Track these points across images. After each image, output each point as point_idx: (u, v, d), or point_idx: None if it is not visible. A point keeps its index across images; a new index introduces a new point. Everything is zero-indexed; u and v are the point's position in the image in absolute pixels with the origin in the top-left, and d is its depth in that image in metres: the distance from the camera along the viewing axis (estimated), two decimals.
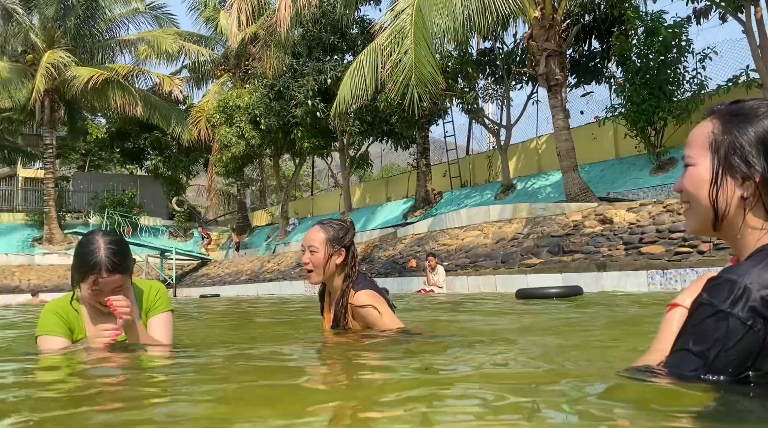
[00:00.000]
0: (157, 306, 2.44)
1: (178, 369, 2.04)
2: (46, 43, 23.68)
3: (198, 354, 2.44)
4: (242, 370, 1.93)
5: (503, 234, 11.46)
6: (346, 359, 2.06)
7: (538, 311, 4.35)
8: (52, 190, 24.36)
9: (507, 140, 15.74)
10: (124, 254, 2.22)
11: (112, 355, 2.11)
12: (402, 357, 2.04)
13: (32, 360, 2.25)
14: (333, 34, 18.38)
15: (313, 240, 2.59)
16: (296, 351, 2.51)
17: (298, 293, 16.25)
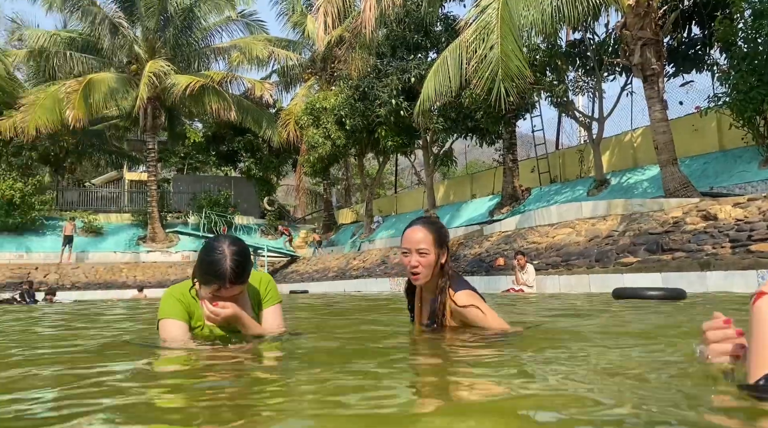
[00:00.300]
0: (269, 299, 2.57)
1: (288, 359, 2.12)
2: (148, 53, 25.26)
3: (307, 343, 2.53)
4: (343, 370, 1.97)
5: (597, 232, 11.03)
6: (454, 360, 2.03)
7: (638, 313, 4.15)
8: (155, 192, 25.97)
9: (599, 134, 15.13)
10: (247, 264, 2.32)
11: (228, 349, 2.22)
12: (500, 356, 2.00)
13: (154, 354, 2.39)
14: (417, 32, 18.40)
15: (421, 242, 2.51)
16: (393, 346, 2.52)
17: (384, 290, 16.41)
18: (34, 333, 4.13)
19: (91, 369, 1.99)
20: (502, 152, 18.63)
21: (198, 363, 2.01)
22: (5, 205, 23.54)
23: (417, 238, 2.52)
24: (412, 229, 2.57)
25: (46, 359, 2.42)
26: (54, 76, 25.73)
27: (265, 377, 1.77)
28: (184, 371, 1.90)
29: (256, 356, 2.15)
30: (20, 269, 22.41)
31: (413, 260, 2.51)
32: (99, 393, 1.48)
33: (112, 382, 1.67)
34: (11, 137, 23.66)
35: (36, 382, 1.79)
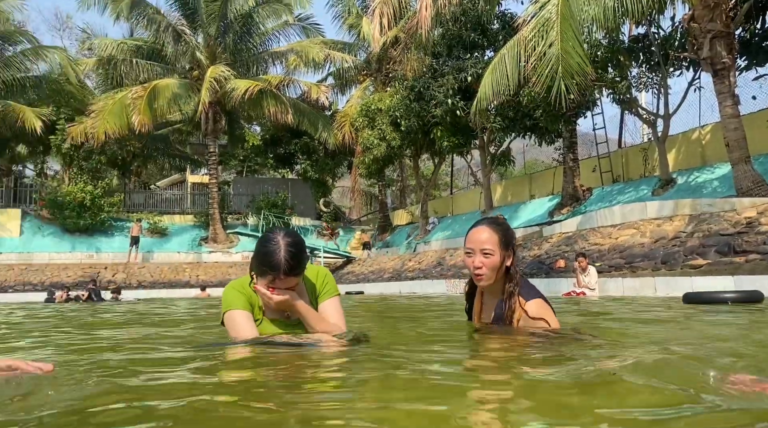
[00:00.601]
0: (326, 291, 2.54)
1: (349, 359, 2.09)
2: (209, 59, 26.02)
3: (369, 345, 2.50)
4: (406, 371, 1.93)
5: (663, 233, 10.60)
6: (514, 364, 1.97)
7: (713, 318, 3.93)
8: (216, 194, 26.71)
9: (665, 131, 14.54)
10: (302, 256, 2.32)
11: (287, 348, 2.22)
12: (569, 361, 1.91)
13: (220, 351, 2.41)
14: (473, 31, 18.21)
15: (486, 243, 2.41)
16: (455, 347, 2.46)
17: (439, 292, 16.29)
18: (95, 330, 4.28)
19: (147, 371, 2.00)
20: (562, 151, 18.19)
21: (262, 363, 2.01)
22: (77, 207, 24.73)
23: (482, 238, 2.43)
24: (476, 229, 2.48)
25: (108, 358, 2.48)
26: (121, 83, 26.87)
27: (330, 379, 1.74)
28: (246, 373, 1.89)
29: (319, 358, 2.12)
30: (91, 269, 23.49)
31: (477, 261, 2.43)
32: (153, 395, 1.48)
33: (167, 386, 1.68)
34: (82, 142, 24.88)
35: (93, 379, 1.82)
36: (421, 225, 23.88)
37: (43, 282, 21.73)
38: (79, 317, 6.31)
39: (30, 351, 2.89)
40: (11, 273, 22.23)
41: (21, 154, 32.68)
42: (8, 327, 4.94)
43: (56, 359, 2.37)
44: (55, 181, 28.33)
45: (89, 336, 3.76)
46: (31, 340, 3.46)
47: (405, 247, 23.26)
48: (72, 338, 3.62)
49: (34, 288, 21.22)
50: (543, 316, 2.37)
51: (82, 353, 2.67)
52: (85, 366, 2.11)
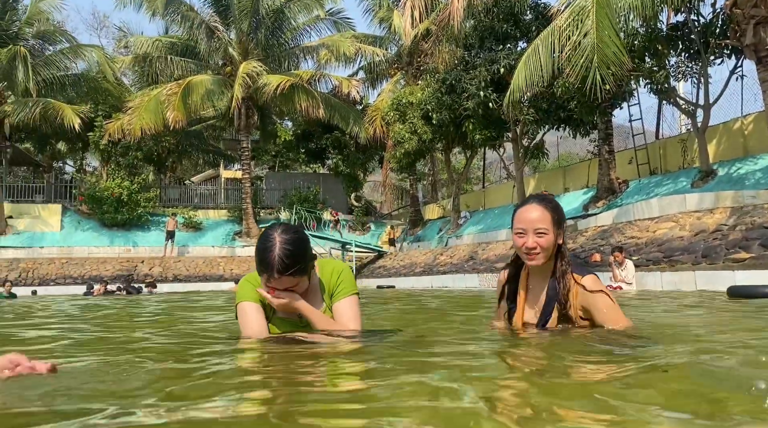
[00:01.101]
0: (341, 290, 2.36)
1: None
2: (241, 55, 26.28)
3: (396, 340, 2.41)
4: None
5: (703, 226, 10.30)
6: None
7: (761, 313, 3.78)
8: (249, 188, 27.01)
9: (705, 121, 14.10)
10: (299, 255, 2.17)
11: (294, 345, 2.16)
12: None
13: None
14: (506, 21, 17.94)
15: (540, 221, 2.31)
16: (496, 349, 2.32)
17: (472, 286, 16.16)
18: (135, 321, 4.34)
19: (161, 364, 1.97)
20: (598, 143, 17.82)
21: (269, 362, 1.96)
22: (114, 202, 25.30)
23: (534, 217, 2.33)
24: (527, 207, 2.37)
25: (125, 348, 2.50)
26: (156, 79, 27.36)
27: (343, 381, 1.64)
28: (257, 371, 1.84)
29: (331, 356, 2.00)
30: (128, 262, 24.01)
31: (530, 241, 2.31)
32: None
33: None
34: (119, 138, 25.42)
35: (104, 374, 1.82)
36: (453, 219, 23.72)
37: (82, 276, 22.31)
38: (113, 310, 6.44)
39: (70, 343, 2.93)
40: (53, 267, 22.88)
41: (61, 151, 33.62)
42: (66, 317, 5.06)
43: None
44: (94, 177, 29.02)
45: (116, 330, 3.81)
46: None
47: (436, 241, 23.15)
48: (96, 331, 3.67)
49: (75, 281, 21.79)
50: (601, 288, 2.29)
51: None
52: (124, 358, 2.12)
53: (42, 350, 2.54)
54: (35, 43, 27.57)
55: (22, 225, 25.01)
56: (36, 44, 27.63)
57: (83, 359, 2.16)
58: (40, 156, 32.37)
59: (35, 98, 23.72)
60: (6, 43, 24.09)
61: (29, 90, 23.34)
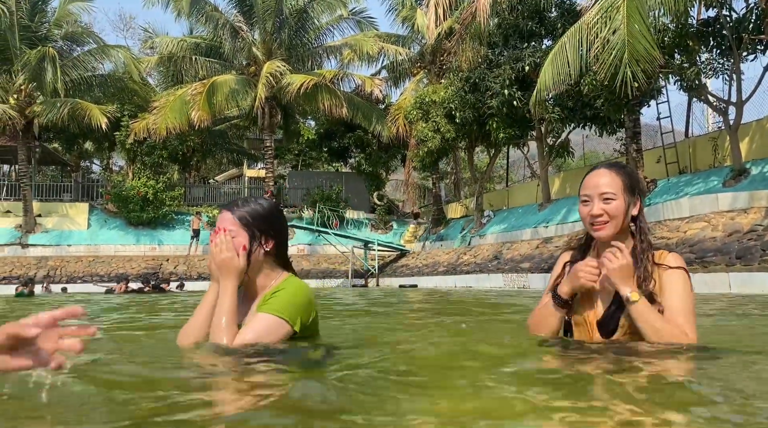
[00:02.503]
0: (268, 304, 2.04)
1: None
2: (265, 55, 26.41)
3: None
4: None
5: (737, 226, 10.05)
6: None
7: None
8: (272, 187, 27.13)
9: (737, 119, 13.76)
10: (251, 209, 2.15)
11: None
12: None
13: None
14: (531, 19, 17.76)
15: (607, 186, 2.02)
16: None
17: (497, 286, 16.02)
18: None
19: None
20: (625, 141, 17.53)
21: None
22: (140, 201, 25.61)
23: (600, 182, 2.04)
24: (593, 173, 2.10)
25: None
26: (181, 79, 27.63)
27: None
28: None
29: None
30: (153, 261, 24.28)
31: (595, 208, 2.02)
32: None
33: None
34: (144, 137, 25.72)
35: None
36: (476, 218, 23.55)
37: (109, 273, 22.63)
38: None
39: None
40: (80, 265, 23.23)
41: (88, 150, 34.15)
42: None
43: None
44: (120, 176, 29.43)
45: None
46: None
47: (459, 240, 22.99)
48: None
49: (101, 279, 22.11)
50: (683, 266, 2.00)
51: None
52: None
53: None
54: (63, 45, 28.03)
55: (50, 224, 25.44)
56: (64, 45, 28.08)
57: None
58: (68, 156, 32.93)
59: (63, 99, 24.11)
60: (35, 44, 24.51)
61: (58, 90, 23.73)
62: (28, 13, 25.34)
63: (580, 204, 2.11)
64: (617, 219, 2.01)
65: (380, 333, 3.31)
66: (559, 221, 17.33)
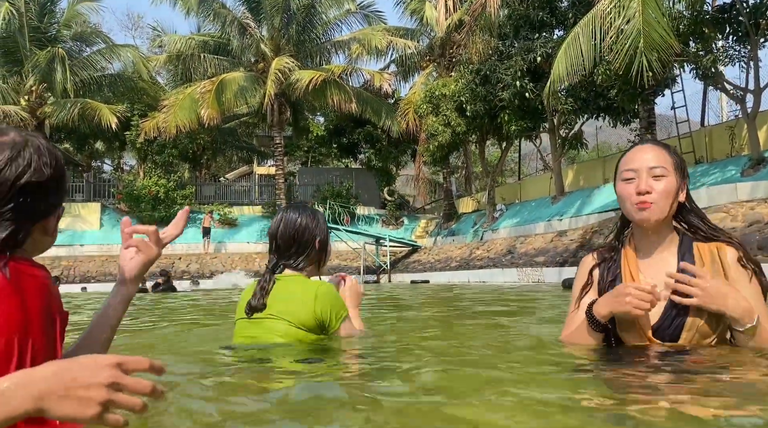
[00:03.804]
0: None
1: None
2: (273, 51, 26.31)
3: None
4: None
5: (757, 216, 9.83)
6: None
7: None
8: (282, 184, 27.09)
9: (755, 107, 13.49)
10: (296, 234, 2.23)
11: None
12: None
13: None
14: (542, 9, 17.51)
15: (656, 160, 1.71)
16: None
17: (511, 280, 15.86)
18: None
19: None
20: (639, 131, 17.27)
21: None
22: (152, 200, 25.66)
23: (648, 156, 1.73)
24: (639, 148, 1.79)
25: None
26: (190, 78, 27.59)
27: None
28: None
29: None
30: (166, 259, 24.33)
31: (643, 184, 1.68)
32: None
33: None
34: (155, 136, 25.72)
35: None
36: (488, 212, 23.36)
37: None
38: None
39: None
40: (93, 264, 23.33)
41: (99, 150, 34.27)
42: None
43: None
44: (131, 175, 29.50)
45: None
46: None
47: (472, 235, 22.83)
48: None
49: (114, 279, 22.12)
50: (754, 261, 1.70)
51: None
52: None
53: None
54: (73, 45, 28.08)
55: (63, 224, 25.50)
56: (74, 46, 28.14)
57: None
58: (79, 156, 33.06)
59: (73, 99, 24.16)
60: (45, 45, 24.58)
61: (68, 91, 23.79)
62: (37, 14, 25.41)
63: (619, 183, 1.77)
64: (666, 201, 1.69)
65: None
66: (573, 214, 17.12)
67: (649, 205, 1.68)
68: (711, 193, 11.58)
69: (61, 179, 1.12)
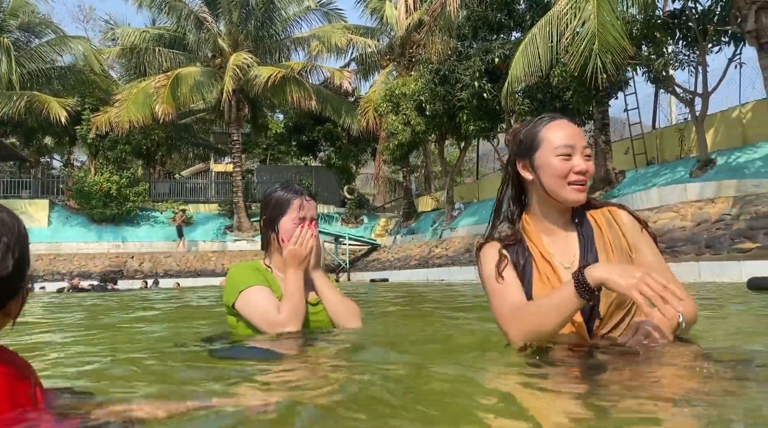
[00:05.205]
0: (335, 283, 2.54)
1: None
2: (231, 47, 25.84)
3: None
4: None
5: (705, 216, 10.14)
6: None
7: None
8: (240, 182, 26.64)
9: (703, 110, 13.93)
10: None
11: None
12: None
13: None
14: (500, 11, 17.72)
15: (585, 140, 1.70)
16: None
17: (470, 278, 15.97)
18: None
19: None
20: (593, 133, 17.64)
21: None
22: (103, 197, 24.87)
23: (579, 133, 1.70)
24: (565, 123, 1.72)
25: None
26: (144, 72, 26.85)
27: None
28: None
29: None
30: (117, 258, 23.65)
31: (584, 164, 1.65)
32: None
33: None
34: (107, 131, 24.91)
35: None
36: (447, 211, 23.51)
37: (71, 272, 21.92)
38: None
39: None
40: (40, 263, 22.46)
41: (48, 145, 33.02)
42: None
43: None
44: (82, 171, 28.52)
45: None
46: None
47: (431, 234, 22.94)
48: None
49: (63, 277, 21.40)
50: (643, 219, 1.72)
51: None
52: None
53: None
54: (20, 35, 26.97)
55: None
56: (21, 36, 27.03)
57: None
58: (27, 151, 31.77)
59: (20, 91, 23.20)
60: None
61: (13, 83, 22.83)
62: None
63: (552, 158, 1.66)
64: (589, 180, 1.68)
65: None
66: None
67: (584, 186, 1.66)
68: (662, 193, 11.89)
69: (22, 259, 0.96)
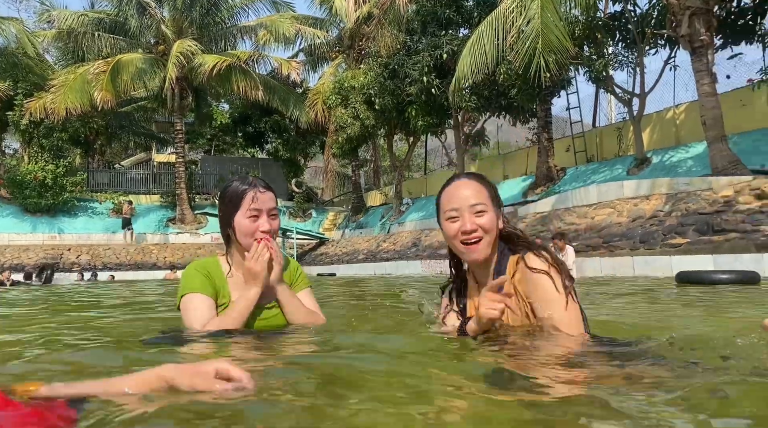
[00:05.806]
0: (300, 282, 2.35)
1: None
2: (175, 33, 25.09)
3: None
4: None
5: (640, 212, 10.54)
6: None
7: (720, 300, 3.76)
8: (183, 173, 25.96)
9: (640, 110, 14.49)
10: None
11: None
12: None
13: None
14: (448, 7, 17.86)
15: (475, 197, 1.79)
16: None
17: (415, 273, 16.12)
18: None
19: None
20: (537, 130, 18.07)
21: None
22: (38, 186, 23.78)
23: (467, 193, 1.80)
24: (456, 184, 1.85)
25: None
26: (83, 57, 25.78)
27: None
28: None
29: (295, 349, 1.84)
30: (53, 250, 22.69)
31: (468, 223, 1.76)
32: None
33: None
34: (41, 118, 23.79)
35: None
36: (395, 206, 23.63)
37: (2, 264, 20.88)
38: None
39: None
40: None
41: None
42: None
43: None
44: (14, 159, 27.18)
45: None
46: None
47: (379, 228, 23.00)
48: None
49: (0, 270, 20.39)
50: (548, 271, 1.70)
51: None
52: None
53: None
54: None
55: None
56: None
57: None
58: None
59: None
60: None
61: None
62: None
63: (444, 222, 1.84)
64: (491, 234, 1.78)
65: None
66: None
67: (477, 243, 1.78)
68: (600, 190, 12.28)
69: None
